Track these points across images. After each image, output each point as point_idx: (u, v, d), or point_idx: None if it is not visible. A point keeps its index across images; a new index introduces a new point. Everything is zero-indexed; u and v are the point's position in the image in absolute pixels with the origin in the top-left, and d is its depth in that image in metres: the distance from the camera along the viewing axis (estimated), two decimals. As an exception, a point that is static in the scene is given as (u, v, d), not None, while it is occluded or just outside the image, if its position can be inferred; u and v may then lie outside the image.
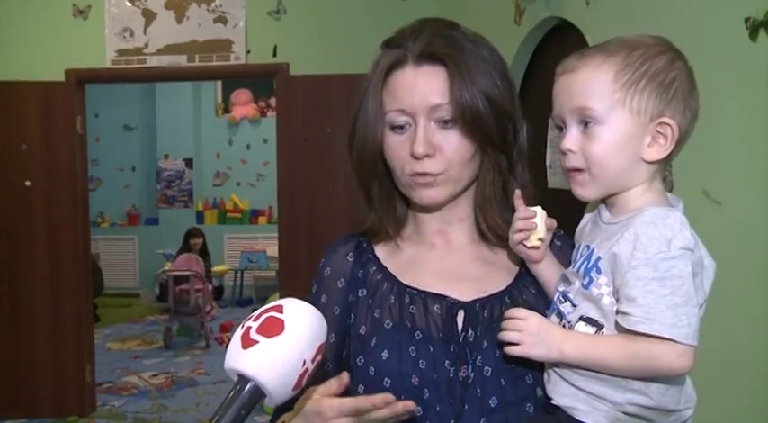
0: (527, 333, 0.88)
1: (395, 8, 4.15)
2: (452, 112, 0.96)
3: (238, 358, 0.74)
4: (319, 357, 0.79)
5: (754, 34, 1.48)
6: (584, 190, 0.90)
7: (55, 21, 4.35)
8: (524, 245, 0.97)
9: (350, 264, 1.07)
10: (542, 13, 2.73)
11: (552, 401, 0.90)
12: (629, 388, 0.84)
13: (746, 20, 1.49)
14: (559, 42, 2.82)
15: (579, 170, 0.89)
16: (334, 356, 1.03)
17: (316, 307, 1.04)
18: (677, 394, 0.86)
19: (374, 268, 1.05)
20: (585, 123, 0.88)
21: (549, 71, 0.93)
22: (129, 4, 4.32)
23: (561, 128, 0.92)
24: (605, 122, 0.87)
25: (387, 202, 1.06)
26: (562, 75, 0.91)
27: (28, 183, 4.36)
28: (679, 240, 0.81)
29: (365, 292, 1.03)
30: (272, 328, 0.75)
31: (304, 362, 0.76)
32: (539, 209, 0.97)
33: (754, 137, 1.51)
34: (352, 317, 1.03)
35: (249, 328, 0.76)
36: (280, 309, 0.78)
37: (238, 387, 0.73)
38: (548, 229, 0.97)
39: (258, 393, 0.73)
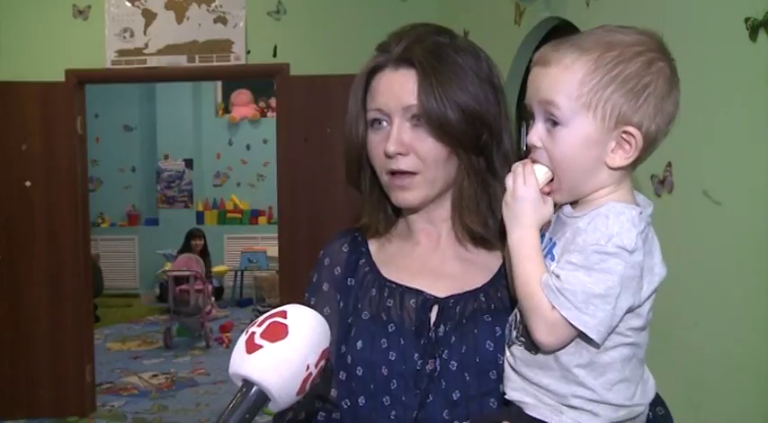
0: (512, 193, 0.88)
1: (395, 8, 4.15)
2: (420, 115, 0.99)
3: (243, 363, 0.75)
4: (323, 362, 0.80)
5: (754, 34, 1.48)
6: (556, 196, 0.90)
7: (55, 21, 4.35)
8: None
9: (345, 253, 1.12)
10: (542, 14, 2.72)
11: (505, 396, 0.92)
12: (573, 380, 0.84)
13: (746, 20, 1.49)
14: (559, 42, 2.81)
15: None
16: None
17: (317, 295, 1.09)
18: (626, 390, 0.86)
19: (364, 261, 1.10)
20: (553, 122, 0.86)
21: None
22: (129, 5, 4.32)
23: (532, 119, 0.90)
24: (568, 125, 0.85)
25: (377, 202, 1.10)
26: (535, 65, 0.89)
27: (28, 183, 4.36)
28: (619, 239, 0.80)
29: (353, 282, 1.08)
30: (276, 333, 0.76)
31: (308, 366, 0.77)
32: (540, 167, 0.89)
33: (754, 137, 1.51)
34: (341, 304, 1.07)
35: (253, 333, 0.76)
36: (284, 314, 0.78)
37: (243, 391, 0.74)
38: (546, 193, 0.90)
39: (263, 398, 0.74)
